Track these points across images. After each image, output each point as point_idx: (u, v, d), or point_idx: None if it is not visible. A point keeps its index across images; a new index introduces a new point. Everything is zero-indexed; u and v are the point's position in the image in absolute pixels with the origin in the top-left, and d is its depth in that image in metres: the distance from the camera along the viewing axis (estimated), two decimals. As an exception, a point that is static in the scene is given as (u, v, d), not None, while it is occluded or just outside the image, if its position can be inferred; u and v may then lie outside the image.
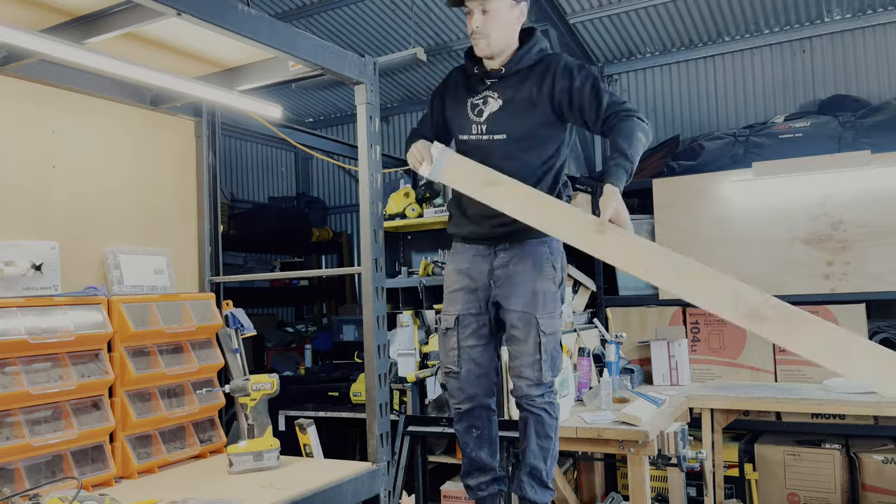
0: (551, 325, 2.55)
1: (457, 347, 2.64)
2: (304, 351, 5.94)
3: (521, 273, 2.55)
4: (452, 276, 2.69)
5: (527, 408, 2.58)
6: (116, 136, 2.61)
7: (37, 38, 1.92)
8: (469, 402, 2.65)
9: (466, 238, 2.67)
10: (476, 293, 2.61)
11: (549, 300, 2.56)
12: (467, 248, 2.66)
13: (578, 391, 3.68)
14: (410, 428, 3.32)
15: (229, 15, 1.86)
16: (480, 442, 2.68)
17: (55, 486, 1.96)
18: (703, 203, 4.49)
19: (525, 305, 2.53)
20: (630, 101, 5.90)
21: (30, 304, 2.07)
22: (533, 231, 2.52)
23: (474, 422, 2.67)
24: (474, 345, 2.63)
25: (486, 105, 2.60)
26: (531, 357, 2.52)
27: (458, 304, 2.64)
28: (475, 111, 2.62)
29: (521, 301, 2.53)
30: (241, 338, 2.94)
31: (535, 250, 2.57)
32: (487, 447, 2.69)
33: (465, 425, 2.68)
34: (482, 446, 2.68)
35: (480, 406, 2.66)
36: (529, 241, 2.56)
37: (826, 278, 4.17)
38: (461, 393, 2.66)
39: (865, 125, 4.22)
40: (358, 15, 5.23)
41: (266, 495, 1.97)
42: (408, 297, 3.77)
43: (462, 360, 2.63)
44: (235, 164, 7.56)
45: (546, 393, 2.58)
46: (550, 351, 2.54)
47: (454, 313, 2.64)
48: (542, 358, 2.52)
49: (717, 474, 4.15)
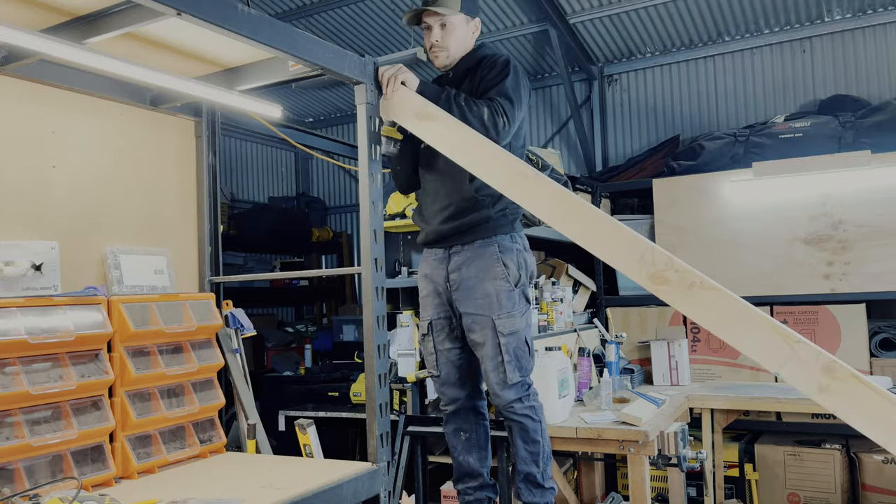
0: (510, 324, 2.51)
1: (434, 352, 2.68)
2: (304, 351, 5.93)
3: (471, 276, 2.55)
4: (421, 281, 2.74)
5: (508, 417, 2.57)
6: (116, 136, 2.61)
7: (37, 38, 1.92)
8: (453, 404, 2.69)
9: (426, 242, 2.71)
10: (440, 297, 2.65)
11: (505, 300, 2.52)
12: (428, 254, 2.71)
13: (578, 391, 3.68)
14: (410, 428, 3.32)
15: (229, 15, 1.86)
16: (469, 446, 2.69)
17: (55, 486, 1.96)
18: (703, 203, 4.49)
19: (478, 308, 2.52)
20: (630, 101, 5.91)
21: (30, 304, 2.06)
22: (480, 230, 2.55)
23: (461, 424, 2.69)
24: (451, 347, 2.66)
25: None
26: (493, 360, 2.51)
27: (428, 308, 2.68)
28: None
29: (474, 304, 2.53)
30: (241, 338, 2.94)
31: (483, 251, 2.56)
32: (476, 452, 2.69)
33: (453, 427, 2.71)
34: (470, 451, 2.69)
35: (465, 408, 2.69)
36: (477, 241, 2.57)
37: (826, 278, 4.17)
38: (444, 395, 2.70)
39: (865, 125, 4.22)
40: (358, 15, 5.23)
41: (266, 495, 1.97)
42: (408, 297, 3.76)
43: (440, 364, 2.67)
44: (235, 164, 7.56)
45: (523, 397, 2.55)
46: (513, 351, 2.51)
47: (427, 319, 2.69)
48: (504, 359, 2.49)
49: (717, 474, 4.15)
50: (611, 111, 6.02)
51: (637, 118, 5.92)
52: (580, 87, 6.08)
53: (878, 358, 4.08)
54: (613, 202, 5.11)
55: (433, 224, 2.64)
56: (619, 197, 5.09)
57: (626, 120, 5.98)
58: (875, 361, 4.07)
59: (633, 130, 5.95)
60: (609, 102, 6.02)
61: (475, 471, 2.70)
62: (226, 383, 2.81)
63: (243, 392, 2.81)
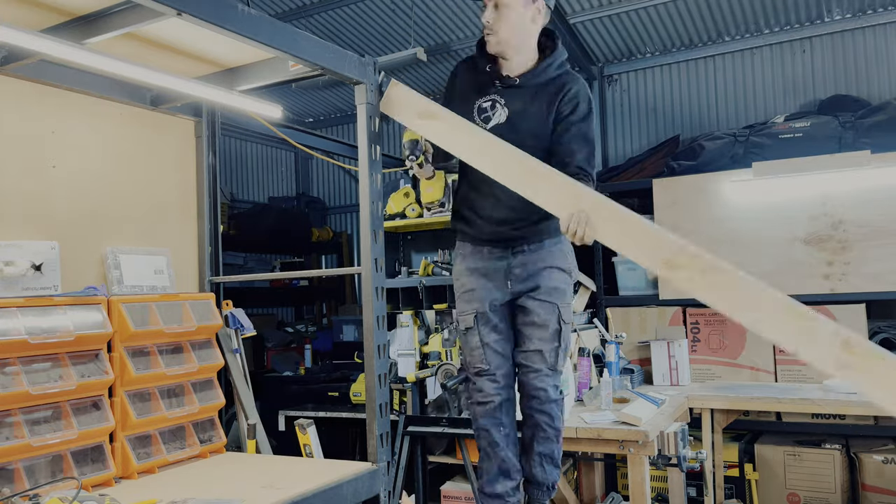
0: (569, 315, 2.64)
1: (481, 345, 2.62)
2: (304, 351, 5.93)
3: (541, 268, 2.59)
4: (465, 275, 2.66)
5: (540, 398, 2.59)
6: (116, 136, 2.61)
7: (37, 38, 1.93)
8: (500, 396, 2.63)
9: (480, 239, 2.65)
10: (492, 291, 2.62)
11: (568, 294, 2.65)
12: (479, 249, 2.65)
13: (578, 391, 3.68)
14: (410, 428, 3.32)
15: (229, 15, 1.86)
16: (508, 441, 2.64)
17: (55, 486, 1.96)
18: (703, 203, 4.48)
19: (547, 295, 2.58)
20: (630, 101, 5.91)
21: (30, 304, 2.06)
22: (546, 232, 2.58)
23: (502, 418, 2.63)
24: (497, 339, 2.64)
25: (494, 112, 2.57)
26: (550, 344, 2.58)
27: (475, 302, 2.63)
28: (482, 116, 2.59)
29: (544, 291, 2.58)
30: (241, 338, 2.95)
31: (553, 249, 2.62)
32: (513, 447, 2.67)
33: (493, 422, 2.62)
34: (509, 445, 2.65)
35: (507, 400, 2.66)
36: (545, 240, 2.61)
37: (826, 278, 4.17)
38: (493, 386, 2.62)
39: (865, 125, 4.22)
40: (358, 15, 5.23)
41: (266, 495, 1.97)
42: (408, 297, 3.76)
43: (489, 356, 2.62)
44: (235, 164, 7.56)
45: (558, 385, 2.65)
46: (566, 340, 2.62)
47: (472, 311, 2.63)
48: (559, 346, 2.59)
49: (717, 474, 4.15)
50: (611, 111, 6.02)
51: (637, 118, 5.92)
52: (580, 87, 6.07)
53: (878, 358, 4.07)
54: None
55: (493, 227, 2.60)
56: (619, 197, 5.01)
57: (626, 120, 5.97)
58: (875, 361, 4.07)
59: (633, 130, 5.95)
60: (609, 102, 6.02)
61: (515, 466, 2.65)
62: (226, 383, 2.81)
63: (243, 392, 2.81)
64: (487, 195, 2.59)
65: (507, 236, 2.60)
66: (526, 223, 2.56)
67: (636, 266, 4.76)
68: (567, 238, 2.56)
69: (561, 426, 2.67)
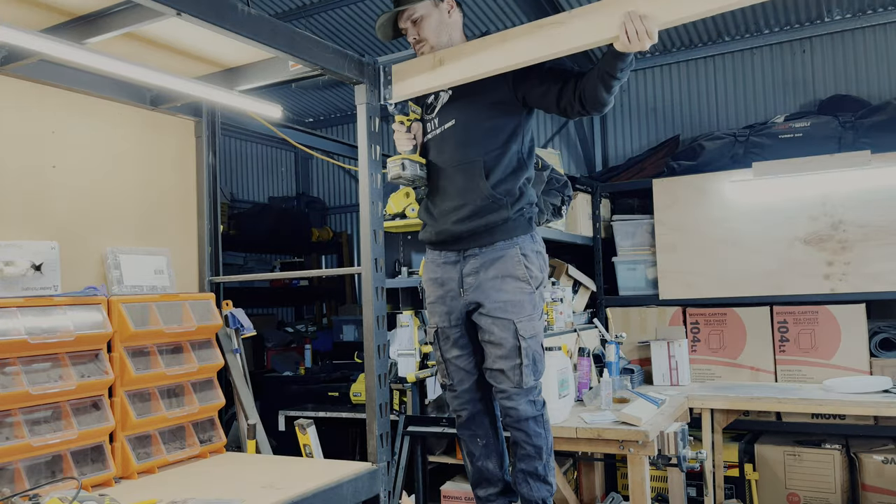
0: (530, 328, 2.45)
1: (443, 360, 2.62)
2: (304, 351, 5.93)
3: (492, 279, 2.45)
4: (427, 285, 2.64)
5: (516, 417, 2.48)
6: (116, 135, 2.61)
7: (37, 38, 1.93)
8: (467, 411, 2.61)
9: (435, 242, 2.60)
10: (449, 303, 2.55)
11: (527, 303, 2.45)
12: (437, 256, 2.60)
13: (578, 391, 3.68)
14: (410, 428, 3.32)
15: (229, 15, 1.86)
16: (487, 451, 2.63)
17: (55, 486, 1.96)
18: (703, 203, 4.48)
19: (500, 311, 2.43)
20: (630, 100, 5.92)
21: (30, 304, 2.06)
22: (499, 232, 2.46)
23: (476, 430, 2.62)
24: (459, 354, 2.58)
25: (438, 100, 2.60)
26: (510, 362, 2.43)
27: (434, 316, 2.60)
28: (429, 110, 2.62)
29: (496, 307, 2.43)
30: (241, 338, 2.95)
31: (504, 253, 2.47)
32: (495, 457, 2.63)
33: (468, 433, 2.63)
34: (489, 455, 2.62)
35: (480, 413, 2.62)
36: (498, 242, 2.47)
37: (826, 278, 4.17)
38: (457, 402, 2.62)
39: (865, 125, 4.22)
40: (358, 15, 5.23)
41: (266, 495, 1.97)
42: (408, 297, 3.76)
43: (451, 372, 2.60)
44: (235, 164, 7.56)
45: (533, 399, 2.49)
46: (532, 354, 2.44)
47: (433, 326, 2.62)
48: (522, 363, 2.42)
49: (717, 474, 4.15)
50: (611, 111, 6.01)
51: (637, 118, 5.92)
52: (580, 87, 6.07)
53: (878, 358, 4.08)
54: (613, 202, 5.11)
55: (445, 224, 2.51)
56: (619, 197, 5.09)
57: (626, 120, 5.97)
58: (875, 361, 4.07)
59: (633, 130, 5.95)
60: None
61: (495, 476, 2.63)
62: (226, 383, 2.81)
63: (243, 392, 2.81)
64: (441, 188, 2.55)
65: (456, 234, 2.49)
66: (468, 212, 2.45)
67: (636, 266, 4.76)
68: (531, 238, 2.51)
69: (542, 442, 2.51)
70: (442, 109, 2.57)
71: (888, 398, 3.61)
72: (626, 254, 4.80)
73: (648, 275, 4.72)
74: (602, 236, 4.84)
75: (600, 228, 4.83)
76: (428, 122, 2.61)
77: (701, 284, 4.44)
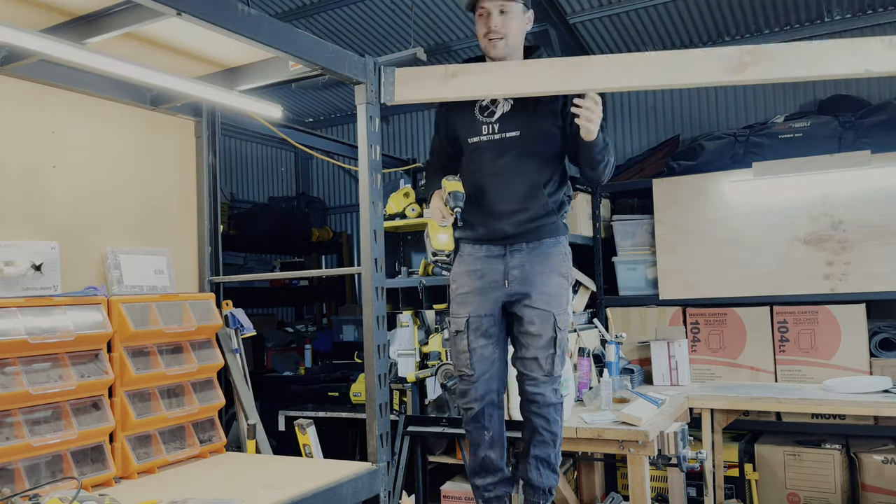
0: (565, 321, 2.64)
1: (467, 350, 2.65)
2: (304, 351, 5.93)
3: (539, 273, 2.60)
4: (463, 277, 2.68)
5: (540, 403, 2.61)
6: (116, 135, 2.61)
7: (37, 38, 1.93)
8: (481, 403, 2.66)
9: (479, 238, 2.67)
10: (488, 294, 2.63)
11: (564, 298, 2.65)
12: (478, 249, 2.67)
13: (578, 391, 3.68)
14: (410, 428, 3.32)
15: (229, 15, 1.86)
16: (492, 442, 2.69)
17: (55, 486, 1.96)
18: (703, 203, 4.48)
19: (544, 303, 2.58)
20: (630, 101, 5.91)
21: (30, 304, 2.06)
22: (549, 231, 2.62)
23: (486, 422, 2.67)
24: (485, 344, 2.65)
25: (496, 106, 2.67)
26: (545, 351, 2.58)
27: (469, 305, 2.65)
28: (485, 113, 2.67)
29: (540, 299, 2.59)
30: (241, 338, 2.95)
31: (551, 250, 2.64)
32: (498, 448, 2.70)
33: (477, 426, 2.69)
34: (493, 446, 2.69)
35: (491, 404, 2.68)
36: (546, 239, 2.63)
37: (826, 278, 4.17)
38: (474, 393, 2.66)
39: (865, 125, 4.22)
40: (358, 15, 5.23)
41: (266, 495, 1.97)
42: (408, 297, 3.76)
43: (475, 362, 2.65)
44: (235, 164, 7.55)
45: (557, 389, 2.65)
46: (563, 346, 2.63)
47: (464, 315, 2.65)
48: (555, 353, 2.59)
49: (717, 474, 4.15)
50: (611, 111, 6.01)
51: (637, 118, 5.92)
52: (580, 87, 6.07)
53: (878, 358, 4.08)
54: (613, 202, 5.11)
55: (502, 224, 2.62)
56: (619, 197, 5.09)
57: (626, 120, 5.97)
58: (875, 361, 4.07)
59: (633, 130, 5.95)
60: (609, 102, 6.02)
61: (497, 466, 2.71)
62: (226, 383, 2.81)
63: (243, 392, 2.81)
64: (494, 190, 2.64)
65: (505, 232, 2.61)
66: (527, 216, 2.59)
67: (636, 266, 4.76)
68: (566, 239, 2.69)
69: (558, 430, 2.66)
70: (504, 117, 2.65)
71: (888, 398, 3.61)
72: (626, 254, 4.80)
73: (648, 275, 4.72)
74: (602, 236, 4.84)
75: (600, 228, 4.83)
76: (484, 125, 2.66)
77: (701, 284, 4.44)
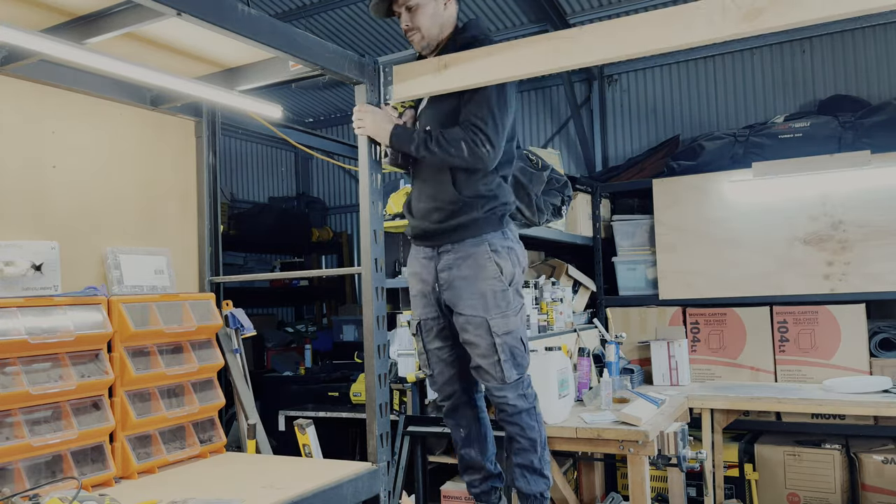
0: (504, 324, 2.46)
1: (424, 351, 2.67)
2: (304, 351, 5.93)
3: (463, 277, 2.48)
4: (410, 279, 2.71)
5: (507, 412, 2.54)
6: (116, 136, 2.61)
7: (37, 38, 1.93)
8: (448, 400, 2.69)
9: (415, 237, 2.67)
10: (429, 297, 2.60)
11: (500, 299, 2.47)
12: (417, 251, 2.66)
13: (578, 391, 3.68)
14: (410, 428, 3.32)
15: (229, 15, 1.86)
16: (468, 440, 2.70)
17: (55, 486, 1.96)
18: (703, 203, 4.48)
19: (471, 309, 2.46)
20: (630, 101, 5.91)
21: (30, 304, 2.06)
22: (470, 229, 2.48)
23: (458, 420, 2.70)
24: (441, 346, 2.64)
25: (421, 103, 2.63)
26: (488, 359, 2.47)
27: (417, 308, 2.66)
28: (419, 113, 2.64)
29: (467, 305, 2.46)
30: (241, 338, 2.95)
31: (475, 251, 2.49)
32: (477, 445, 2.70)
33: (451, 423, 2.73)
34: (471, 444, 2.70)
35: (461, 403, 2.68)
36: (467, 239, 2.49)
37: (826, 278, 4.17)
38: (441, 393, 2.71)
39: (865, 125, 4.22)
40: (358, 15, 5.23)
41: (266, 495, 1.97)
42: (408, 297, 3.76)
43: (431, 363, 2.67)
44: (235, 164, 7.56)
45: (521, 393, 2.52)
46: (509, 349, 2.47)
47: (416, 318, 2.67)
48: (500, 359, 2.45)
49: (717, 474, 4.15)
50: (611, 111, 6.02)
51: (637, 118, 5.92)
52: (580, 87, 6.08)
53: (877, 358, 4.08)
54: (613, 202, 5.11)
55: (421, 222, 2.59)
56: (619, 197, 5.09)
57: (625, 120, 5.98)
58: (875, 361, 4.07)
59: (633, 130, 5.95)
60: (609, 103, 6.02)
61: (477, 463, 2.71)
62: (226, 383, 2.81)
63: (243, 392, 2.81)
64: (418, 188, 2.61)
65: (430, 231, 2.56)
66: (441, 215, 2.50)
67: (636, 266, 4.76)
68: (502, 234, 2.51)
69: (536, 435, 2.56)
70: (422, 113, 2.61)
71: (888, 398, 3.61)
72: (626, 254, 4.80)
73: (648, 275, 4.72)
74: (602, 236, 4.84)
75: (600, 228, 4.83)
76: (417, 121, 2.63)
77: (701, 284, 4.44)
